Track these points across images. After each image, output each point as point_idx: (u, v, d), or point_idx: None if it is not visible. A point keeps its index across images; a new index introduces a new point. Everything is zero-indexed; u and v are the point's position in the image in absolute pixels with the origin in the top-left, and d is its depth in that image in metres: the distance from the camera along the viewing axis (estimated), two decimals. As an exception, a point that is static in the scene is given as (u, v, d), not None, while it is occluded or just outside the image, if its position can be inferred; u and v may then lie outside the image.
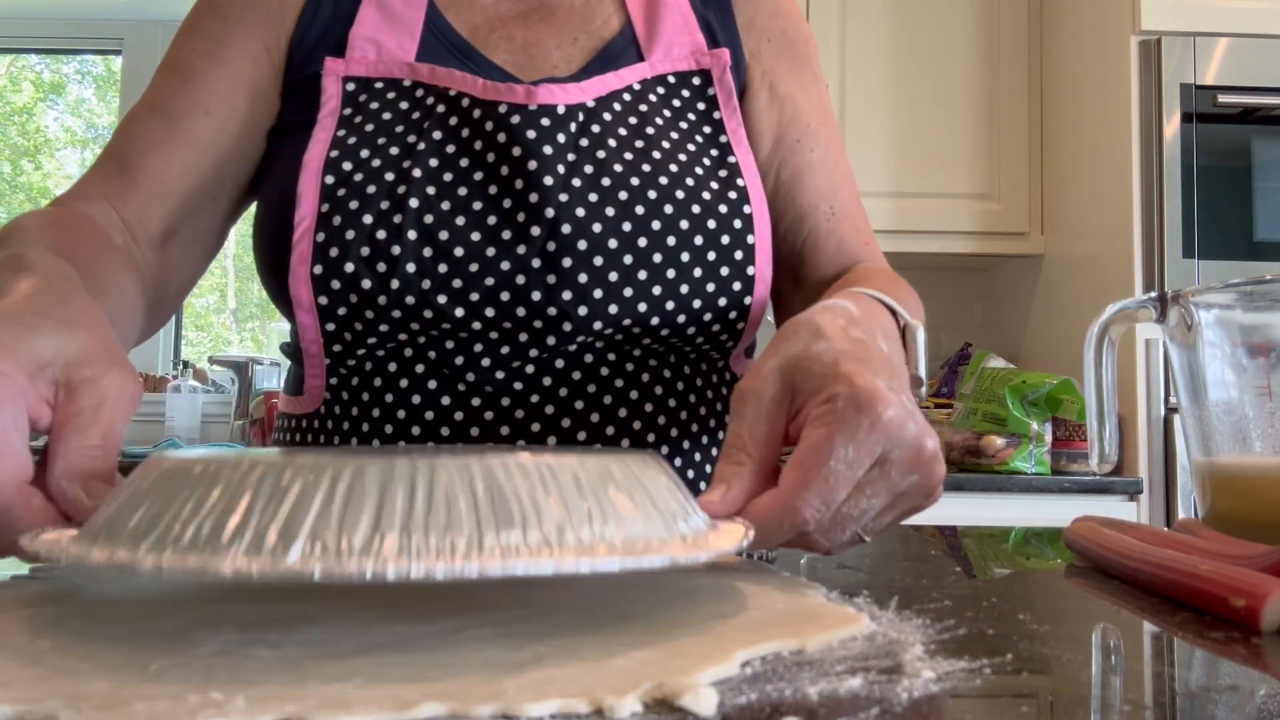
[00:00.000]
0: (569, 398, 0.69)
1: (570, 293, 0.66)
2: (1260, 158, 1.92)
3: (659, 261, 0.67)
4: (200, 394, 2.52)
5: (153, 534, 0.29)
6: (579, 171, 0.68)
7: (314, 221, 0.65)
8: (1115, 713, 0.26)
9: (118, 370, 0.42)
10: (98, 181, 0.69)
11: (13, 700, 0.24)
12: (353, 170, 0.66)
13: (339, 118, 0.70)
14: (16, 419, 0.38)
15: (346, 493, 0.29)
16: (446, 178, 0.67)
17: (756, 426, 0.43)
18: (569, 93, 0.70)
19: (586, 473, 0.32)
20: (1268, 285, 0.52)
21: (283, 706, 0.24)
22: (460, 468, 0.30)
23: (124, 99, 2.86)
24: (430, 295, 0.65)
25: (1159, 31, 1.94)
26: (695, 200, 0.69)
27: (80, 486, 0.39)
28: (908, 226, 2.27)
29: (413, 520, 0.28)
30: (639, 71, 0.74)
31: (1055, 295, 2.29)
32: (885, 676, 0.28)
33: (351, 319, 0.65)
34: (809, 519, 0.40)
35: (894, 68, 2.33)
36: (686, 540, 0.33)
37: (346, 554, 0.27)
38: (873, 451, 0.40)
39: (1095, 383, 0.61)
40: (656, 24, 0.77)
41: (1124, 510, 1.90)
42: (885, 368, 0.44)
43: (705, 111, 0.75)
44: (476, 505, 0.29)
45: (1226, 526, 0.53)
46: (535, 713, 0.24)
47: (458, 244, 0.65)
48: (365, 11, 0.74)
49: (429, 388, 0.68)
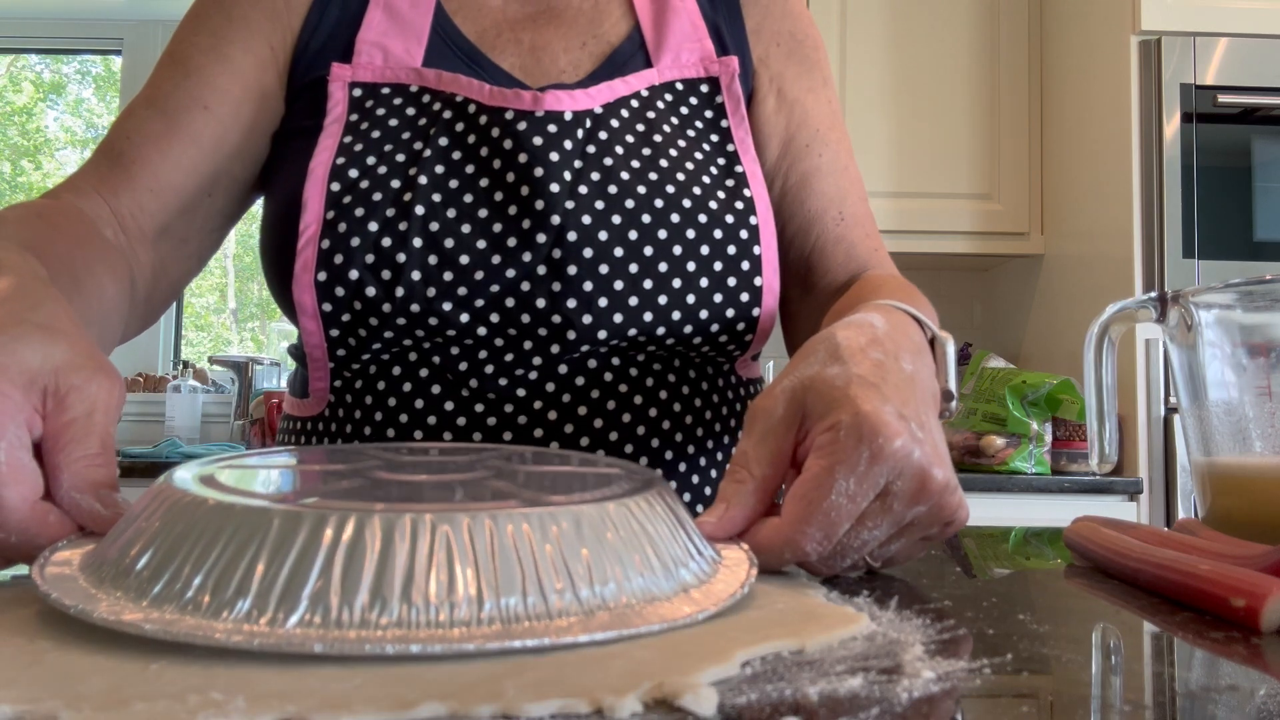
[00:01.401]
0: (573, 404, 0.68)
1: (575, 300, 0.66)
2: (1260, 158, 1.92)
3: (665, 270, 0.66)
4: (200, 394, 2.52)
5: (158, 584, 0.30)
6: (585, 178, 0.67)
7: (319, 228, 0.65)
8: (1115, 713, 0.26)
9: (103, 375, 0.42)
10: (92, 174, 0.68)
11: (13, 700, 0.24)
12: (359, 177, 0.66)
13: (345, 124, 0.69)
14: (20, 437, 0.38)
15: (349, 550, 0.29)
16: (452, 184, 0.66)
17: (762, 445, 0.43)
18: (576, 99, 0.70)
19: (587, 521, 0.33)
20: (1268, 285, 0.52)
21: (283, 706, 0.24)
22: (461, 524, 0.30)
23: (124, 99, 2.86)
24: (435, 302, 0.65)
25: (1159, 31, 1.94)
26: (702, 209, 0.68)
27: (93, 498, 0.39)
28: (908, 226, 2.27)
29: (413, 585, 0.29)
30: (647, 78, 0.74)
31: (1055, 295, 2.29)
32: (885, 676, 0.28)
33: (356, 325, 0.65)
34: (810, 552, 0.40)
35: (894, 68, 2.33)
36: (688, 592, 0.34)
37: (346, 624, 0.28)
38: (875, 483, 0.40)
39: (1095, 383, 0.61)
40: (665, 29, 0.76)
41: (1124, 510, 1.90)
42: (900, 392, 0.43)
43: (713, 120, 0.75)
44: (477, 566, 0.30)
45: (1226, 526, 0.53)
46: (535, 713, 0.24)
47: (463, 251, 0.65)
48: (372, 15, 0.73)
49: (432, 393, 0.68)
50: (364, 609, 0.28)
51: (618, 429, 0.69)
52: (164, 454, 2.09)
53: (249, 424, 2.49)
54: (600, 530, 0.33)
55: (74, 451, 0.40)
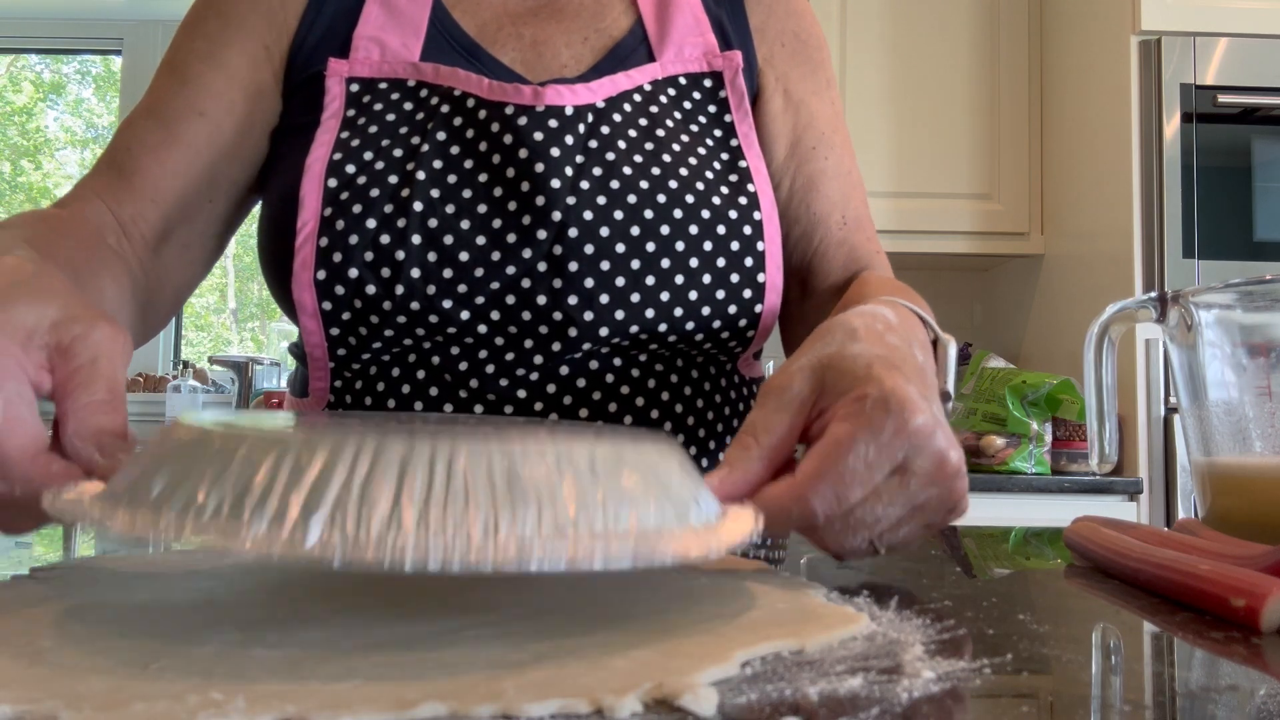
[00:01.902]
0: (574, 406, 0.68)
1: (576, 298, 0.65)
2: (1260, 158, 1.92)
3: (667, 267, 0.66)
4: (200, 394, 2.52)
5: (175, 500, 0.30)
6: (587, 174, 0.67)
7: (317, 225, 0.65)
8: (1115, 713, 0.26)
9: (104, 323, 0.42)
10: (94, 184, 0.69)
11: (13, 700, 0.24)
12: (356, 173, 0.66)
13: (342, 119, 0.69)
14: (20, 390, 0.38)
15: (368, 472, 0.29)
16: (451, 180, 0.66)
17: (773, 416, 0.43)
18: (577, 94, 0.69)
19: (602, 457, 0.32)
20: (1268, 285, 0.52)
21: (283, 706, 0.24)
22: (478, 451, 0.30)
23: (124, 99, 2.86)
24: (435, 299, 0.64)
25: (1159, 31, 1.94)
26: (705, 205, 0.68)
27: (94, 444, 0.39)
28: (908, 226, 2.27)
29: (431, 503, 0.28)
30: (650, 72, 0.73)
31: (1055, 295, 2.29)
32: (885, 676, 0.28)
33: (356, 323, 0.65)
34: (818, 511, 0.39)
35: (894, 68, 2.33)
36: (697, 531, 0.33)
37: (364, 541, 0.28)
38: (894, 456, 0.39)
39: (1095, 383, 0.61)
40: (668, 23, 0.76)
41: (1124, 510, 1.90)
42: (918, 376, 0.43)
43: (717, 114, 0.74)
44: (494, 489, 0.29)
45: (1226, 526, 0.53)
46: (535, 713, 0.24)
47: (462, 248, 0.65)
48: (370, 9, 0.73)
49: (431, 394, 0.68)
50: (381, 529, 0.28)
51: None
52: (164, 454, 2.09)
53: (249, 424, 2.48)
54: (617, 467, 0.32)
55: (80, 398, 0.40)
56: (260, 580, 0.40)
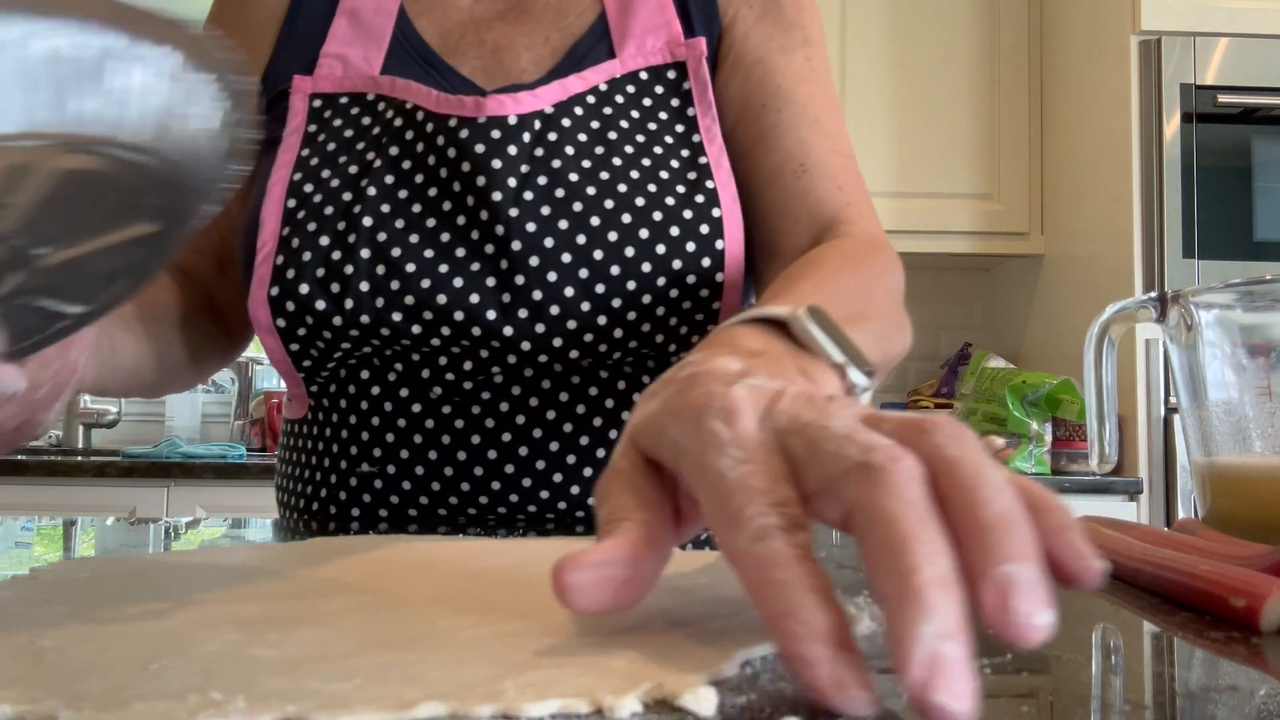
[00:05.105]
0: (540, 409, 0.68)
1: (526, 310, 0.64)
2: (1260, 158, 1.92)
3: (617, 274, 0.65)
4: (200, 394, 2.52)
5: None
6: (532, 184, 0.66)
7: (275, 245, 0.65)
8: (1115, 713, 0.26)
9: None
10: None
11: (13, 700, 0.24)
12: (313, 191, 0.66)
13: (303, 135, 0.69)
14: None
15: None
16: (401, 194, 0.66)
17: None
18: (521, 102, 0.68)
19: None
20: (1268, 285, 0.52)
21: (283, 706, 0.23)
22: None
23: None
24: (384, 314, 0.64)
25: (1159, 31, 1.94)
26: (658, 207, 0.66)
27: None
28: (908, 226, 2.27)
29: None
30: (608, 70, 0.72)
31: (1055, 295, 2.29)
32: (885, 676, 0.28)
33: (312, 338, 0.66)
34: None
35: (894, 68, 2.33)
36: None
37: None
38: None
39: (1095, 383, 0.61)
40: (630, 16, 0.74)
41: (1124, 510, 1.90)
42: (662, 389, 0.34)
43: (678, 109, 0.72)
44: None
45: (1226, 526, 0.53)
46: (535, 713, 0.24)
47: (410, 260, 0.64)
48: (338, 25, 0.73)
49: (400, 395, 0.68)
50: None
51: (588, 432, 0.68)
52: (164, 454, 2.09)
53: (249, 424, 2.49)
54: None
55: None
56: (260, 580, 0.40)
